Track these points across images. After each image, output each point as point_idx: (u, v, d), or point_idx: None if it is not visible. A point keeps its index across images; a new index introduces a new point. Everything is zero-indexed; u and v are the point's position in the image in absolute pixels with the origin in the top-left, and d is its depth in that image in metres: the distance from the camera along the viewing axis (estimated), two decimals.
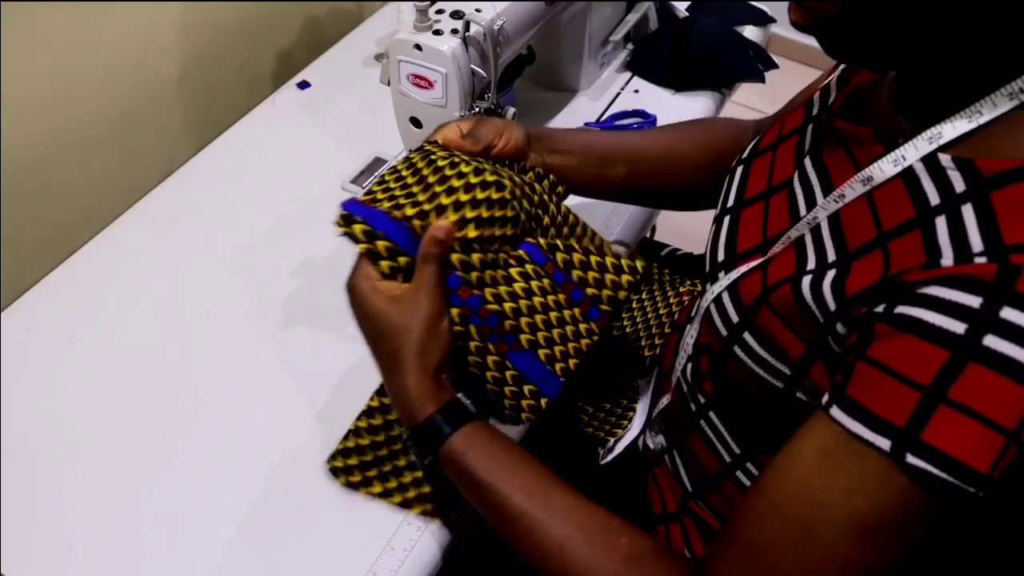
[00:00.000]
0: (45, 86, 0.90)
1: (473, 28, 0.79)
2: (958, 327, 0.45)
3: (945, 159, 0.50)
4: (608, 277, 0.66)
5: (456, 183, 0.63)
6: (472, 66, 0.81)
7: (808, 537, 0.50)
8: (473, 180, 0.63)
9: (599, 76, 1.14)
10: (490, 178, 0.63)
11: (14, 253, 0.92)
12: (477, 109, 0.84)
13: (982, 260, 0.45)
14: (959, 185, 0.49)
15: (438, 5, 0.81)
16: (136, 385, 0.79)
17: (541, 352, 0.64)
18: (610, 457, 0.84)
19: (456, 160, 0.65)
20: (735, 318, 0.60)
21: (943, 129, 0.51)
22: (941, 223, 0.49)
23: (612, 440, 0.85)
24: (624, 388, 0.90)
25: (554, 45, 1.07)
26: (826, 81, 0.69)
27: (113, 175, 1.01)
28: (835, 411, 0.49)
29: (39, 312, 0.85)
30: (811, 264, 0.56)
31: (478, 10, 0.80)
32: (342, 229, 0.62)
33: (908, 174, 0.52)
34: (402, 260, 0.62)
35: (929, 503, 0.47)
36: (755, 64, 1.12)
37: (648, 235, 1.15)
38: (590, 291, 0.66)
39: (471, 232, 0.62)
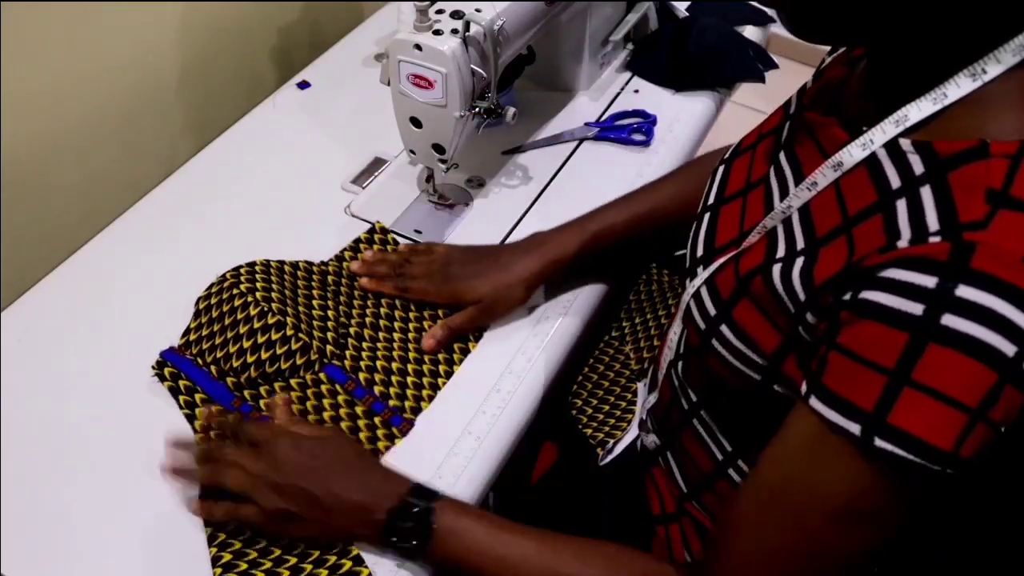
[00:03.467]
0: (45, 86, 0.90)
1: (473, 28, 0.79)
2: (915, 308, 0.45)
3: (906, 143, 0.51)
4: (409, 392, 0.79)
5: (242, 329, 0.78)
6: (472, 66, 0.81)
7: (796, 524, 0.52)
8: (256, 324, 0.78)
9: (599, 76, 1.14)
10: (271, 320, 0.78)
11: (14, 253, 0.92)
12: (477, 108, 0.84)
13: (936, 239, 0.46)
14: (918, 167, 0.50)
15: (438, 5, 0.81)
16: (136, 385, 0.79)
17: None
18: (609, 458, 0.84)
19: (248, 300, 0.79)
20: (712, 311, 0.61)
21: (909, 112, 0.51)
22: (901, 205, 0.49)
23: (611, 442, 0.85)
24: (623, 390, 0.90)
25: (554, 45, 1.07)
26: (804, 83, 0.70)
27: (113, 175, 1.01)
28: (813, 400, 0.50)
29: (39, 312, 0.85)
30: (780, 252, 0.56)
31: (478, 10, 0.80)
32: (155, 371, 0.79)
33: (872, 160, 0.53)
34: (198, 397, 0.77)
35: (903, 484, 0.48)
36: (755, 64, 1.12)
37: None
38: (392, 403, 0.78)
39: (253, 372, 0.77)
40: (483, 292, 0.82)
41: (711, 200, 0.70)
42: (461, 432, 0.77)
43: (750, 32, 1.19)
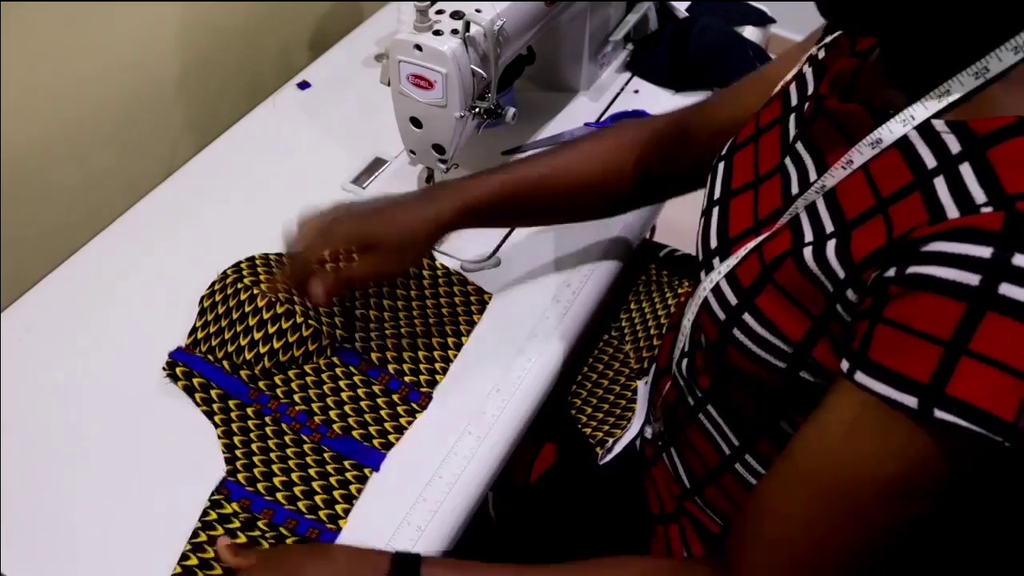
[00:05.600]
0: (45, 86, 0.90)
1: (473, 28, 0.79)
2: (972, 279, 0.45)
3: (939, 124, 0.51)
4: (422, 367, 0.81)
5: (251, 321, 0.79)
6: (472, 66, 0.81)
7: (844, 508, 0.51)
8: (265, 316, 0.78)
9: (599, 76, 1.14)
10: (280, 309, 0.78)
11: (14, 253, 0.92)
12: (477, 109, 0.84)
13: (988, 210, 0.45)
14: (954, 147, 0.49)
15: (438, 5, 0.81)
16: (136, 385, 0.79)
17: (355, 434, 0.76)
18: (609, 457, 0.84)
19: (255, 293, 0.80)
20: (734, 300, 0.61)
21: (951, 86, 0.51)
22: (940, 183, 0.49)
23: (611, 440, 0.85)
24: (623, 388, 0.90)
25: (554, 45, 1.07)
26: (795, 71, 0.69)
27: (113, 175, 1.01)
28: (860, 376, 0.49)
29: (39, 312, 0.85)
30: (809, 237, 0.56)
31: (478, 10, 0.80)
32: (166, 372, 0.79)
33: (904, 143, 0.52)
34: (214, 392, 0.77)
35: (959, 456, 0.48)
36: (755, 64, 1.12)
37: (647, 236, 1.16)
38: (407, 379, 0.80)
39: (266, 363, 0.78)
40: (381, 232, 0.75)
41: (717, 195, 0.69)
42: (461, 432, 0.77)
43: (750, 32, 1.19)
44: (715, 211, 0.69)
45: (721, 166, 0.71)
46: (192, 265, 0.89)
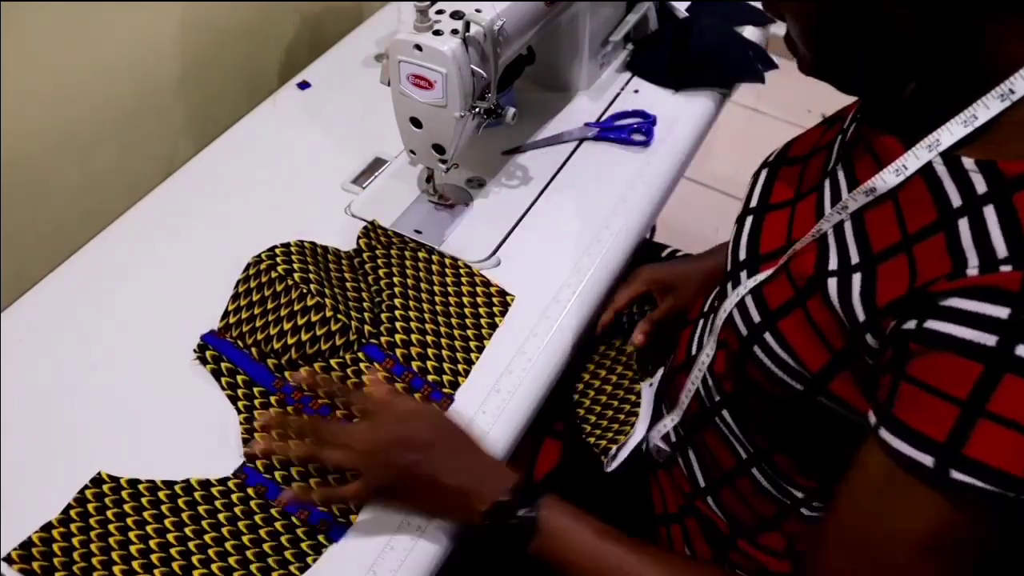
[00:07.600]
0: (45, 86, 0.90)
1: (473, 28, 0.79)
2: (989, 339, 0.45)
3: (968, 162, 0.50)
4: (446, 366, 0.80)
5: (283, 312, 0.80)
6: (472, 66, 0.81)
7: (881, 562, 0.51)
8: (296, 307, 0.80)
9: (599, 76, 1.14)
10: (310, 302, 0.80)
11: (14, 253, 0.92)
12: (477, 109, 0.84)
13: (1007, 268, 0.45)
14: (981, 187, 0.49)
15: (438, 5, 0.81)
16: (136, 385, 0.79)
17: None
18: (614, 464, 0.84)
19: (289, 284, 0.81)
20: (757, 318, 0.61)
21: (940, 136, 0.51)
22: (964, 225, 0.49)
23: (615, 448, 0.85)
24: (627, 392, 0.90)
25: (554, 45, 1.07)
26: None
27: (113, 175, 1.02)
28: (883, 432, 0.49)
29: (39, 312, 0.85)
30: (833, 263, 0.56)
31: (478, 10, 0.80)
32: (197, 354, 0.80)
33: (931, 177, 0.52)
34: (240, 379, 0.78)
35: (983, 514, 0.47)
36: (755, 64, 1.12)
37: (648, 235, 1.16)
38: (431, 378, 0.79)
39: (293, 354, 0.79)
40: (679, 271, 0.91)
41: (753, 204, 0.69)
42: None
43: (750, 32, 1.19)
44: (748, 221, 0.68)
45: (764, 175, 0.70)
46: (192, 265, 0.89)
